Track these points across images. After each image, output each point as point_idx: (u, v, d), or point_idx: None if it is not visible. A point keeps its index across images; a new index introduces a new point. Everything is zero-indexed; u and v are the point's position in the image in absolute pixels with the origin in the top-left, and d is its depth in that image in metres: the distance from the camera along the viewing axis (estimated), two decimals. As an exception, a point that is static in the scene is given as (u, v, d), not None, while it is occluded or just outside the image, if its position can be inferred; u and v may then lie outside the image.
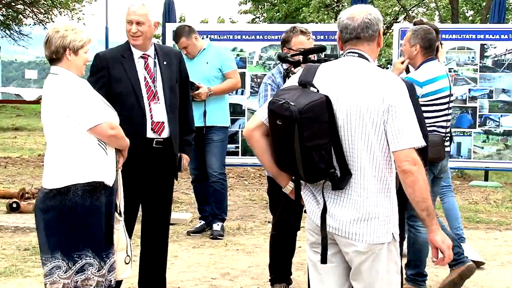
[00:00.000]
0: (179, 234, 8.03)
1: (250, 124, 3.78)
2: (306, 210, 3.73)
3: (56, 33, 4.42)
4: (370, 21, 3.65)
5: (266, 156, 3.76)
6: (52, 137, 4.42)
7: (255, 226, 8.57)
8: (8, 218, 8.56)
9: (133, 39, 5.41)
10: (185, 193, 10.73)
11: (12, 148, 16.86)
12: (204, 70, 7.83)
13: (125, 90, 5.29)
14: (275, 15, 34.22)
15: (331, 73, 3.64)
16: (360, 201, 3.55)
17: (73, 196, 4.29)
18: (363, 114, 3.51)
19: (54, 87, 4.39)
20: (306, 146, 3.44)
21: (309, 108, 3.43)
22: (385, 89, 3.52)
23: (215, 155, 7.87)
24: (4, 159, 14.55)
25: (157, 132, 5.35)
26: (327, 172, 3.52)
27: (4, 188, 10.46)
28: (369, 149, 3.53)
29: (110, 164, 4.47)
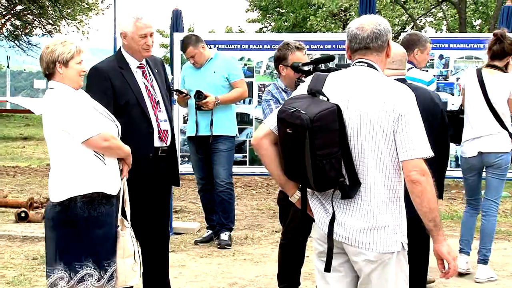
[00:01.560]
0: (186, 244, 8.02)
1: (259, 133, 3.76)
2: (314, 219, 3.71)
3: (46, 49, 4.48)
4: (380, 32, 3.66)
5: (274, 165, 3.75)
6: (52, 151, 4.48)
7: (263, 235, 8.55)
8: (17, 228, 8.57)
9: (147, 51, 5.41)
10: (192, 202, 10.73)
11: (21, 158, 16.90)
12: (212, 79, 7.84)
13: (130, 102, 5.28)
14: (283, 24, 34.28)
15: (340, 82, 3.64)
16: (370, 210, 3.55)
17: (73, 208, 4.35)
18: (373, 124, 3.51)
19: (50, 101, 4.43)
20: (317, 154, 3.44)
21: (320, 117, 3.43)
22: (395, 99, 3.53)
23: (222, 165, 7.86)
24: (13, 169, 14.58)
25: (164, 140, 5.37)
26: (336, 181, 3.51)
27: (12, 198, 10.47)
28: (379, 158, 3.54)
29: (110, 174, 4.48)
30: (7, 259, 7.20)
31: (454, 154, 9.82)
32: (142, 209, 5.38)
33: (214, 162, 7.89)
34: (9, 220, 9.12)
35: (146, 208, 5.39)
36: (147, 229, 5.48)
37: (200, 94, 7.65)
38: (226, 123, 7.87)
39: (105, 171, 4.45)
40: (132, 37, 5.37)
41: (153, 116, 5.35)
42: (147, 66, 5.50)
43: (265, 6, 34.88)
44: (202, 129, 7.81)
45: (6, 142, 20.34)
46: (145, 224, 5.47)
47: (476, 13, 26.45)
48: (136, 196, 5.06)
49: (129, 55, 5.43)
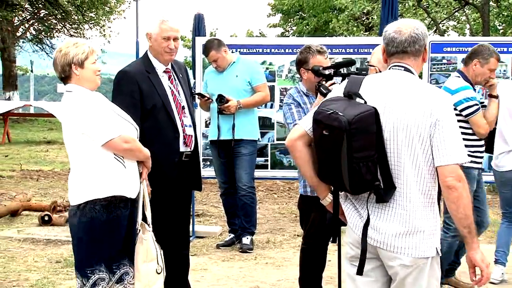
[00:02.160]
0: (208, 247, 8.04)
1: (293, 134, 3.74)
2: (346, 223, 3.71)
3: (59, 52, 4.45)
4: (417, 36, 3.65)
5: (308, 166, 3.73)
6: (71, 154, 4.47)
7: (285, 239, 8.55)
8: (40, 231, 8.63)
9: (170, 55, 5.40)
10: (214, 206, 10.75)
11: (44, 162, 17.00)
12: (234, 83, 7.85)
13: (156, 106, 5.30)
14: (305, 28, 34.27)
15: (377, 85, 3.63)
16: (406, 214, 3.53)
17: (90, 212, 4.32)
18: (411, 128, 3.50)
19: (68, 104, 4.42)
20: (354, 157, 3.41)
21: (359, 119, 3.41)
22: (433, 104, 3.51)
23: (244, 169, 7.87)
24: (36, 172, 14.68)
25: (189, 145, 5.40)
26: (372, 184, 3.50)
27: (36, 201, 10.54)
28: (415, 163, 3.52)
29: (130, 176, 4.46)
30: (31, 262, 7.25)
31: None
32: (164, 213, 5.39)
33: (236, 166, 7.90)
34: (33, 224, 9.18)
35: (167, 212, 5.41)
36: (168, 233, 5.50)
37: (222, 98, 7.66)
38: (248, 127, 7.88)
39: (125, 174, 4.43)
40: (155, 39, 5.38)
41: (178, 121, 5.36)
42: (172, 71, 5.51)
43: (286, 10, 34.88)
44: (224, 133, 7.82)
45: (30, 146, 20.49)
46: (166, 228, 5.49)
47: (499, 16, 26.27)
48: (159, 200, 5.09)
49: (155, 59, 5.45)
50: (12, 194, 10.26)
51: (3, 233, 8.55)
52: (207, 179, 10.20)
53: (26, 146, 20.41)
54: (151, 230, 4.63)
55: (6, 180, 13.53)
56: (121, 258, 4.44)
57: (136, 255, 4.51)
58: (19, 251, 7.72)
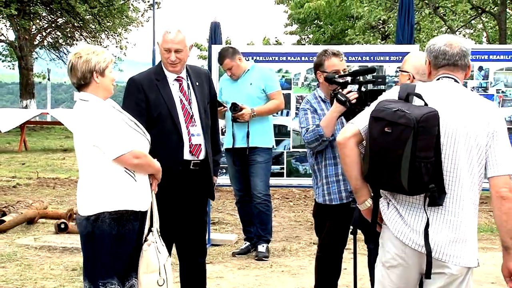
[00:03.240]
0: (224, 255, 8.04)
1: (347, 132, 3.75)
2: (393, 230, 3.68)
3: (79, 58, 4.39)
4: (466, 51, 3.77)
5: (356, 166, 3.74)
6: (82, 164, 4.46)
7: (300, 247, 8.53)
8: (57, 239, 8.66)
9: (172, 66, 5.38)
10: (230, 214, 10.75)
11: (61, 169, 17.07)
12: (248, 91, 7.86)
13: (162, 114, 5.29)
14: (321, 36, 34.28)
15: (433, 92, 3.69)
16: (457, 221, 3.58)
17: (101, 224, 4.30)
18: (470, 136, 3.58)
19: (83, 114, 4.38)
20: (416, 156, 3.44)
21: (426, 118, 3.45)
22: (490, 115, 3.62)
23: (259, 177, 7.87)
24: (53, 180, 14.74)
25: (195, 154, 5.36)
26: (427, 186, 3.51)
27: (52, 209, 10.58)
28: (471, 172, 3.59)
29: (140, 190, 4.44)
30: (47, 270, 7.27)
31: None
32: (176, 222, 5.40)
33: (251, 174, 7.90)
34: (49, 231, 9.22)
35: (180, 221, 5.41)
36: (183, 241, 5.51)
37: (235, 106, 7.67)
38: (262, 135, 7.88)
39: (135, 187, 4.40)
40: (160, 49, 5.42)
41: (184, 129, 5.34)
42: (187, 79, 5.49)
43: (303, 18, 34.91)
44: (238, 141, 7.83)
45: (47, 154, 20.58)
46: (181, 236, 5.49)
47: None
48: (168, 208, 5.09)
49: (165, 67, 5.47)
50: (29, 202, 10.28)
51: (20, 240, 8.59)
52: (223, 186, 10.21)
53: (42, 154, 20.50)
54: (155, 241, 4.60)
55: (23, 187, 13.60)
56: (131, 270, 4.44)
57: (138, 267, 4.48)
58: (36, 259, 7.76)
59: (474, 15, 24.35)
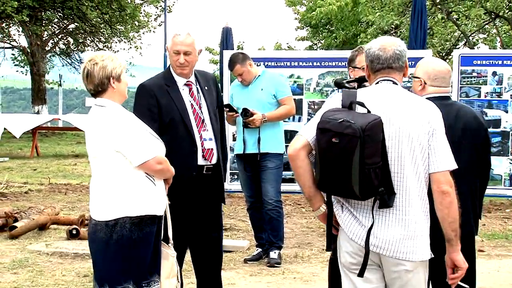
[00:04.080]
0: (236, 262, 8.03)
1: (296, 144, 3.89)
2: (348, 232, 3.84)
3: (95, 65, 4.40)
4: (400, 53, 3.93)
5: (308, 176, 3.88)
6: (100, 169, 4.44)
7: (313, 254, 8.51)
8: (68, 245, 8.68)
9: (181, 69, 5.42)
10: (242, 220, 10.74)
11: (72, 175, 17.11)
12: (259, 96, 7.86)
13: (175, 120, 5.32)
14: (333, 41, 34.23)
15: (373, 97, 3.85)
16: (407, 219, 3.76)
17: (121, 229, 4.31)
18: (413, 137, 3.76)
19: (102, 120, 4.38)
20: (365, 163, 3.60)
21: (371, 126, 3.60)
22: (429, 114, 3.83)
23: (270, 183, 7.86)
24: (65, 186, 14.78)
25: (208, 159, 5.39)
26: (377, 190, 3.69)
27: (64, 215, 10.60)
28: (416, 170, 3.78)
29: (159, 194, 4.46)
30: (59, 276, 7.29)
31: (508, 173, 9.69)
32: (192, 228, 5.40)
33: (263, 180, 7.90)
34: (61, 237, 9.24)
35: (196, 227, 5.41)
36: (199, 247, 5.51)
37: (246, 111, 7.67)
38: (273, 141, 7.87)
39: (155, 192, 4.43)
40: (169, 52, 5.45)
41: (197, 134, 5.37)
42: (196, 83, 5.51)
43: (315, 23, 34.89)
44: (249, 146, 7.82)
45: (58, 160, 20.63)
46: (196, 242, 5.49)
47: (530, 28, 26.07)
48: (182, 214, 5.10)
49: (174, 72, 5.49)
50: (41, 208, 10.30)
51: (32, 246, 8.61)
52: (234, 192, 10.21)
53: (54, 160, 20.56)
54: (172, 246, 4.62)
55: (34, 193, 13.64)
56: (150, 274, 4.43)
57: (161, 270, 4.50)
58: (47, 265, 7.78)
59: (487, 20, 24.24)
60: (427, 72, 4.74)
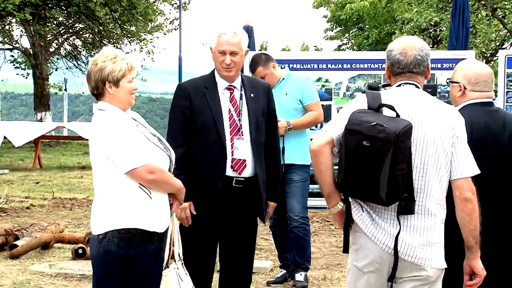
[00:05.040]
0: (258, 284, 8.03)
1: (321, 140, 4.08)
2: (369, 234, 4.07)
3: (94, 66, 4.41)
4: (422, 58, 4.15)
5: (330, 173, 4.09)
6: (95, 178, 4.46)
7: (343, 276, 8.49)
8: (74, 265, 8.71)
9: (226, 70, 5.44)
10: (264, 238, 10.73)
11: (78, 189, 17.17)
12: (283, 102, 7.81)
13: (206, 123, 5.36)
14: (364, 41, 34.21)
15: (399, 100, 4.06)
16: (428, 226, 4.02)
17: (108, 243, 4.29)
18: (437, 144, 4.01)
19: (98, 124, 4.40)
20: (396, 169, 3.83)
21: (404, 133, 3.83)
22: (453, 120, 4.08)
23: (296, 197, 7.84)
24: (70, 201, 14.81)
25: (237, 170, 5.37)
26: (401, 196, 3.93)
27: (69, 233, 10.65)
28: (439, 177, 4.04)
29: (156, 209, 4.40)
30: (63, 299, 7.33)
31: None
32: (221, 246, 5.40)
33: (287, 194, 7.88)
34: (66, 257, 9.28)
35: (225, 245, 5.42)
36: (226, 270, 5.51)
37: None
38: (299, 151, 7.85)
39: (150, 205, 4.37)
40: (214, 53, 5.49)
41: (228, 141, 5.37)
42: (241, 88, 5.53)
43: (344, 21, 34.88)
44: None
45: (63, 172, 20.71)
46: (224, 264, 5.50)
47: None
48: (209, 230, 5.11)
49: (218, 74, 5.53)
50: (44, 225, 10.35)
51: (34, 267, 8.66)
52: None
53: (58, 172, 20.65)
54: (177, 267, 4.60)
55: (37, 209, 13.70)
56: None
57: None
58: None
59: (537, 16, 24.11)
60: (467, 76, 4.74)
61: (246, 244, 5.60)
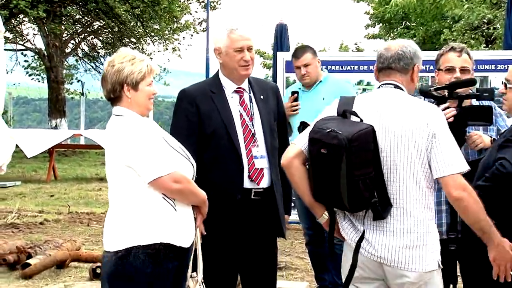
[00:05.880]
0: (292, 308, 8.03)
1: (289, 153, 4.48)
2: (349, 241, 4.45)
3: (111, 67, 4.43)
4: (404, 54, 4.44)
5: (304, 184, 4.44)
6: (112, 189, 4.45)
7: (386, 299, 8.45)
8: (91, 286, 8.75)
9: (245, 68, 5.42)
10: (299, 257, 10.72)
11: (96, 202, 17.23)
12: (320, 107, 7.63)
13: (217, 131, 5.33)
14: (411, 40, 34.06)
15: (369, 104, 4.39)
16: (405, 229, 4.26)
17: (134, 260, 4.29)
18: (408, 143, 4.23)
19: (116, 131, 4.41)
20: (353, 174, 4.10)
21: (358, 137, 4.10)
22: (428, 116, 4.26)
23: (334, 211, 7.82)
24: (87, 215, 14.85)
25: (255, 181, 5.35)
26: (369, 201, 4.19)
27: (86, 250, 10.68)
28: (415, 177, 4.25)
29: (182, 222, 4.43)
30: (80, 323, 7.35)
31: None
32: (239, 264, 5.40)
33: (325, 209, 7.85)
34: (83, 277, 9.31)
35: (244, 263, 5.42)
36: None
37: (305, 126, 7.56)
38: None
39: (175, 218, 4.39)
40: (226, 53, 5.42)
41: (243, 150, 5.35)
42: (249, 91, 5.52)
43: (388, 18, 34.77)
44: (307, 168, 7.78)
45: (80, 184, 20.81)
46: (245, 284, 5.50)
47: None
48: (227, 248, 5.11)
49: (225, 77, 5.49)
50: (59, 242, 10.40)
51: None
52: (291, 224, 10.19)
53: (75, 184, 20.76)
54: (199, 283, 4.61)
55: (51, 224, 13.77)
56: None
57: None
58: (66, 310, 7.86)
59: None
60: None
61: (268, 263, 5.61)
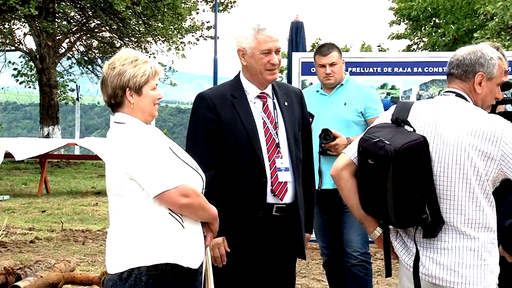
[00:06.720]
0: (308, 335, 8.04)
1: (339, 163, 4.49)
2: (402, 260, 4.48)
3: (111, 70, 4.41)
4: (464, 60, 4.38)
5: (355, 198, 4.45)
6: (113, 205, 4.44)
7: (412, 326, 8.45)
8: (86, 311, 8.78)
9: (272, 73, 5.43)
10: (316, 279, 10.74)
11: (92, 219, 17.27)
12: (341, 113, 7.71)
13: (239, 140, 5.34)
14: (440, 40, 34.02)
15: (426, 112, 4.37)
16: (460, 246, 4.24)
17: (135, 283, 4.27)
18: (464, 158, 4.21)
19: (118, 140, 4.40)
20: (400, 188, 4.13)
21: (406, 148, 4.11)
22: (491, 134, 4.20)
23: (355, 229, 7.78)
24: (82, 233, 14.88)
25: (279, 195, 5.36)
26: (419, 218, 4.21)
27: (81, 271, 10.71)
28: (471, 196, 4.23)
29: (190, 240, 4.41)
30: None
31: None
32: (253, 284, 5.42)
33: (344, 225, 7.84)
34: (77, 301, 9.35)
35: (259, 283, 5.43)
36: None
37: (328, 134, 7.51)
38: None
39: (183, 236, 4.37)
40: (252, 54, 5.42)
41: (267, 161, 5.36)
42: (273, 96, 5.54)
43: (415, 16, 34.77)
44: (327, 180, 7.72)
45: (74, 199, 20.84)
46: None
47: None
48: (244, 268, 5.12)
49: (248, 80, 5.50)
50: (51, 262, 10.42)
51: (38, 312, 8.73)
52: (307, 242, 10.18)
53: (69, 199, 20.81)
54: None
55: (43, 243, 13.81)
56: None
57: None
58: (59, 337, 7.87)
59: None
60: None
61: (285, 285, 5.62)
